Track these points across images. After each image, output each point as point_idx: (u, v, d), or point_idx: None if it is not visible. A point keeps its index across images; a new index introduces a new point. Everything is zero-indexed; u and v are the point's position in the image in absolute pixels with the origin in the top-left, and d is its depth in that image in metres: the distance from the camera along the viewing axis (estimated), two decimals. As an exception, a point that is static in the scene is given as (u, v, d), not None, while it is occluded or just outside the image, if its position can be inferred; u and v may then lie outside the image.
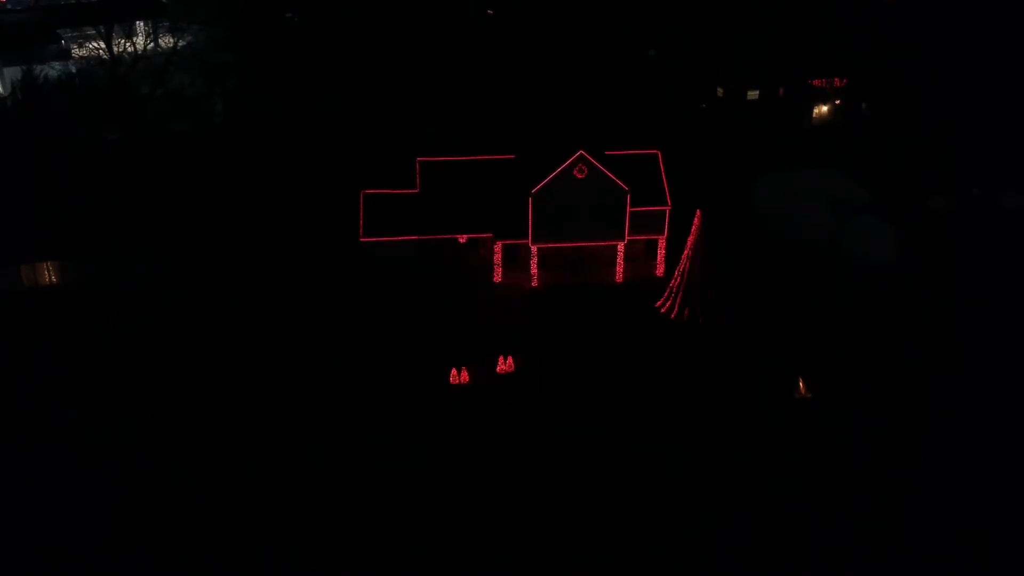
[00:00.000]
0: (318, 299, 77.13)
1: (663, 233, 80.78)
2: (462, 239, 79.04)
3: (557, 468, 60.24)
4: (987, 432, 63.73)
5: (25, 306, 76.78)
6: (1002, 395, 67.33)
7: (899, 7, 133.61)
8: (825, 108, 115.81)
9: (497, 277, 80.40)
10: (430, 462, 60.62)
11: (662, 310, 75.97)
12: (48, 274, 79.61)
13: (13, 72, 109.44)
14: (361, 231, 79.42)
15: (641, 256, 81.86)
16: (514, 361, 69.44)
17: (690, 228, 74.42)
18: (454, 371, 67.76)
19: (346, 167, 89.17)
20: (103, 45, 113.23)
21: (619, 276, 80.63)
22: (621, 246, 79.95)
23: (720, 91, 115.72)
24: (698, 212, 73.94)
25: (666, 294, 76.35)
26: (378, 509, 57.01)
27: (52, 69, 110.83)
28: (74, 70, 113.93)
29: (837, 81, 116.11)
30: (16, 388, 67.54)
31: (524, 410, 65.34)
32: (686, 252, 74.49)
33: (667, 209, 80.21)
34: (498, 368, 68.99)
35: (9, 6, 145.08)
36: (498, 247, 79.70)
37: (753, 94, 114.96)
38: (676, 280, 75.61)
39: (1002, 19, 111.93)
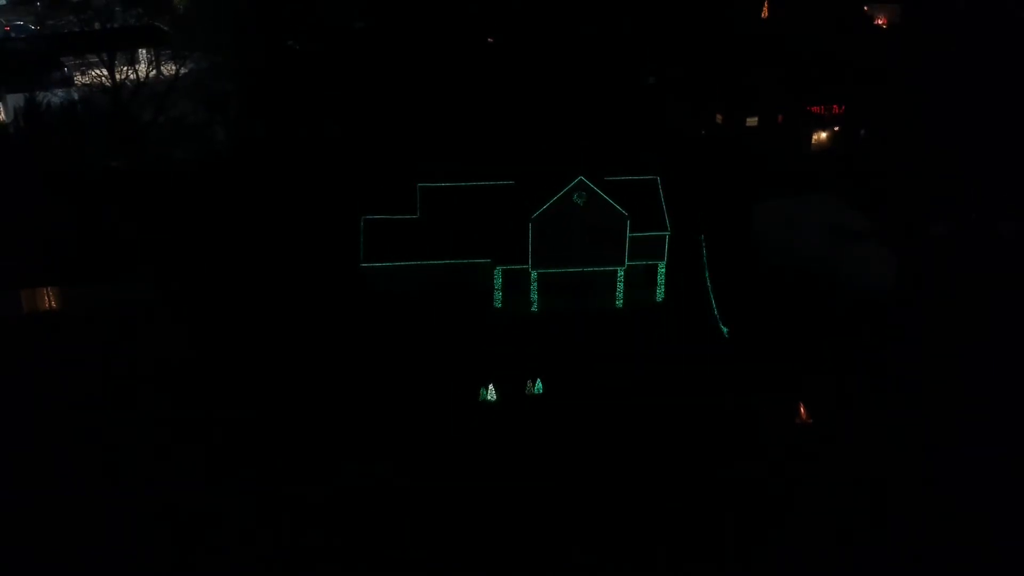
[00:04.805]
0: (319, 324, 77.09)
1: (663, 258, 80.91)
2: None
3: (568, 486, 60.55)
4: (987, 455, 63.65)
5: (25, 331, 76.71)
6: (1000, 419, 67.27)
7: (897, 34, 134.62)
8: (824, 134, 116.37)
9: (497, 302, 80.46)
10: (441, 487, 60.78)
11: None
12: (48, 299, 79.64)
13: (16, 99, 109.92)
14: (362, 256, 79.56)
15: (641, 281, 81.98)
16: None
17: (692, 254, 74.72)
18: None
19: (346, 192, 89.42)
20: (105, 72, 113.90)
21: (619, 301, 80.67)
22: (621, 271, 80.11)
23: (719, 117, 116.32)
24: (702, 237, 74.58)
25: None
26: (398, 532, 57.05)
27: (55, 96, 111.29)
28: (76, 97, 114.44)
29: (836, 108, 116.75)
30: (15, 413, 67.38)
31: (522, 434, 65.62)
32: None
33: (667, 234, 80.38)
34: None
35: (12, 34, 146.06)
36: (498, 272, 79.88)
37: (752, 121, 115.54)
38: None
39: (1000, 45, 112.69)
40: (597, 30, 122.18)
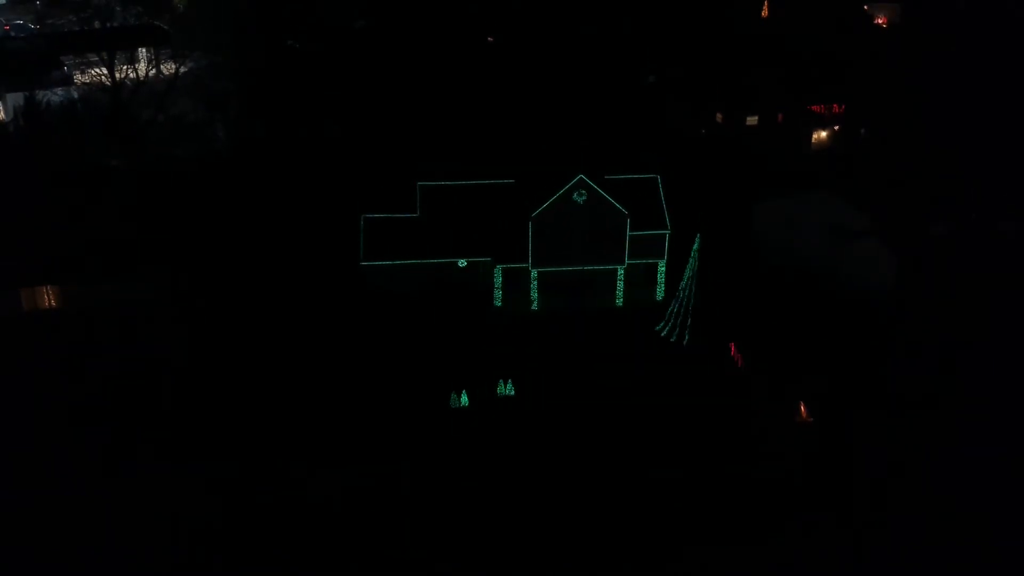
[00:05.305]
0: (319, 323, 77.05)
1: (663, 257, 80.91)
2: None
3: (552, 490, 60.35)
4: (987, 455, 63.67)
5: (25, 331, 76.62)
6: (1000, 419, 67.28)
7: (897, 34, 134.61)
8: (824, 134, 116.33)
9: (497, 301, 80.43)
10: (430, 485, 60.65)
11: (661, 334, 76.17)
12: (48, 299, 79.58)
13: (16, 97, 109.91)
14: (362, 255, 79.56)
15: (641, 280, 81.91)
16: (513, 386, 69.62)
17: (689, 252, 74.71)
18: None
19: (347, 191, 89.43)
20: (105, 71, 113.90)
21: (619, 300, 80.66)
22: (621, 270, 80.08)
23: (719, 117, 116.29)
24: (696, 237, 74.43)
25: (666, 318, 76.68)
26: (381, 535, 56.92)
27: (54, 95, 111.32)
28: (76, 96, 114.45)
29: (836, 107, 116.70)
30: (15, 413, 67.33)
31: (522, 434, 65.47)
32: (687, 276, 74.93)
33: (667, 233, 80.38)
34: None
35: (12, 33, 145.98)
36: (498, 271, 79.84)
37: (752, 120, 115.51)
38: (675, 304, 76.03)
39: (1000, 45, 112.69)
40: (597, 30, 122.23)
